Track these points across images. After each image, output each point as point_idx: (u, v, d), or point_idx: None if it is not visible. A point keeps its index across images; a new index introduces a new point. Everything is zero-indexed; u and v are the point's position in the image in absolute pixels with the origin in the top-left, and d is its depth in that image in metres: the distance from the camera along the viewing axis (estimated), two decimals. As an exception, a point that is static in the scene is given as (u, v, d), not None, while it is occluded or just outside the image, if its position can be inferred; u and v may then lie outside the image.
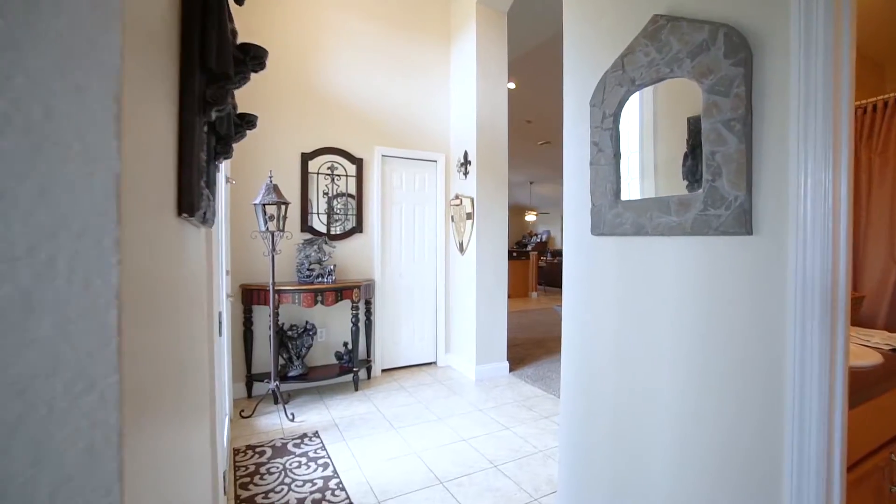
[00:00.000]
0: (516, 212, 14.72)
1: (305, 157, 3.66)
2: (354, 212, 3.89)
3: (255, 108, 3.45)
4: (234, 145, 1.72)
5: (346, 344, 3.73)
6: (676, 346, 1.19)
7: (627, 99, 1.28)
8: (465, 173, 4.05)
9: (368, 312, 3.88)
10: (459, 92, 4.18)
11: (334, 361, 3.77)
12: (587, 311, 1.46)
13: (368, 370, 3.90)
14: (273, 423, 2.95)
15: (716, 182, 1.04)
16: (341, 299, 3.46)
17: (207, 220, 0.96)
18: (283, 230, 3.07)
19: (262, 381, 3.34)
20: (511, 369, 4.12)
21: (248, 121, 1.10)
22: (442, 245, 4.30)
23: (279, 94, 3.56)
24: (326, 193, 3.78)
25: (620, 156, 1.31)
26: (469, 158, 4.00)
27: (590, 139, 1.40)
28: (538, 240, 16.43)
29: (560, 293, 10.25)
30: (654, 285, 1.23)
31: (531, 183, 13.66)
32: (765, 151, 0.97)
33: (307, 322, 3.53)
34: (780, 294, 0.94)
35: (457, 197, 4.17)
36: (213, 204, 1.11)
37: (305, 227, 3.67)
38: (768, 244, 0.96)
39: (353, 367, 3.57)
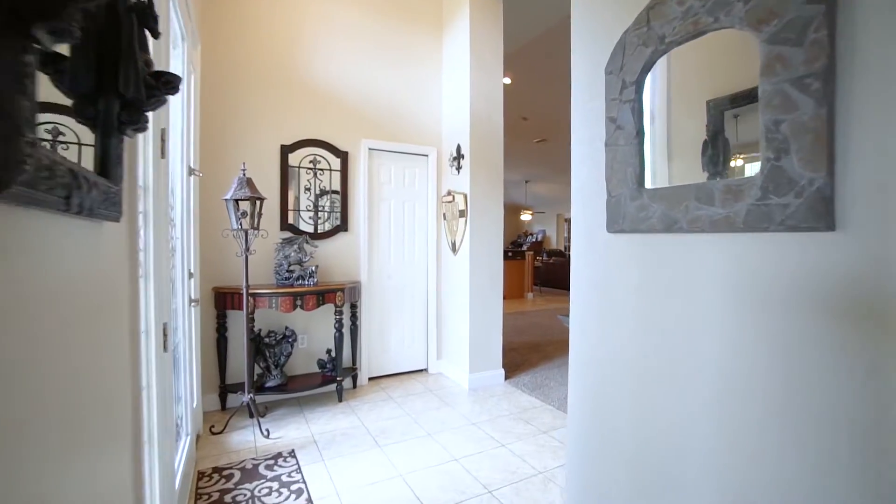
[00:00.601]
0: (511, 211, 14.50)
1: (285, 150, 3.39)
2: (339, 209, 3.62)
3: (231, 96, 3.17)
4: (157, 119, 1.44)
5: (329, 351, 3.46)
6: (718, 374, 0.94)
7: (654, 62, 1.03)
8: (458, 168, 3.79)
9: (354, 317, 3.61)
10: (452, 82, 3.92)
11: (316, 370, 3.50)
12: (601, 323, 1.20)
13: (354, 379, 3.63)
14: (246, 439, 2.67)
15: (780, 161, 0.79)
16: (323, 303, 3.19)
17: (91, 210, 0.69)
18: (257, 228, 2.79)
19: (236, 392, 3.07)
20: (507, 377, 3.87)
21: (165, 81, 0.83)
22: (433, 244, 4.04)
23: (258, 82, 3.28)
24: (308, 189, 3.51)
25: (644, 133, 1.06)
26: (462, 152, 3.74)
27: (605, 115, 1.14)
28: (534, 239, 16.25)
29: (557, 293, 10.00)
30: (689, 296, 0.98)
31: (527, 182, 13.44)
32: (855, 117, 0.72)
33: (287, 328, 3.26)
34: (881, 311, 0.69)
35: (449, 193, 3.91)
36: (118, 190, 0.84)
37: (285, 224, 3.40)
38: (860, 244, 0.72)
39: (336, 377, 3.30)
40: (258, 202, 2.78)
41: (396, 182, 3.91)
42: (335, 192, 3.61)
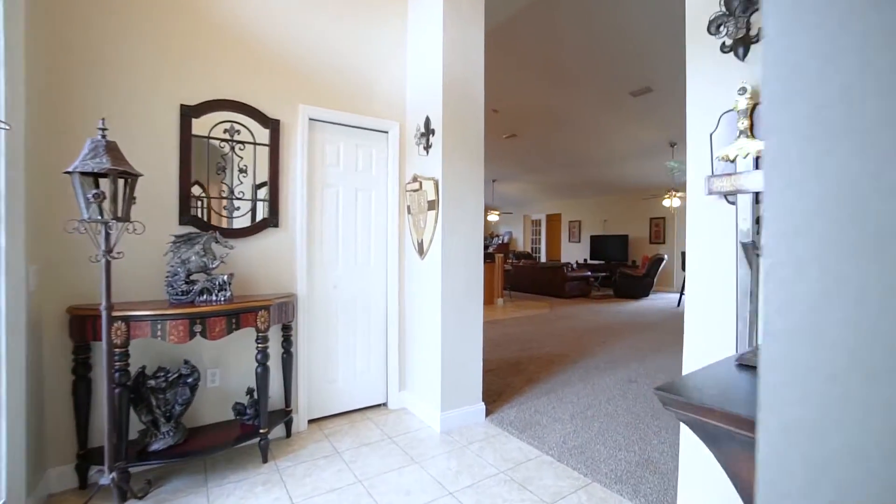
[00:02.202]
0: (478, 211, 13.81)
1: (188, 112, 2.42)
2: (267, 196, 2.68)
3: (98, 21, 2.18)
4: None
5: (251, 391, 2.52)
6: None
7: None
8: (427, 147, 2.95)
9: (287, 342, 2.68)
10: (421, 37, 3.08)
11: (233, 417, 2.55)
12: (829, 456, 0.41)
13: (288, 425, 2.70)
14: (101, 547, 1.70)
15: None
16: (238, 327, 2.25)
17: None
18: (124, 218, 1.84)
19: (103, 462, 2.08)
20: (488, 412, 3.06)
21: None
22: (394, 245, 3.17)
23: (150, 15, 2.31)
24: (224, 168, 2.55)
25: None
26: (432, 126, 2.90)
27: None
28: (500, 241, 15.67)
29: (528, 298, 9.17)
30: None
31: (494, 181, 12.81)
32: None
33: (185, 362, 2.29)
34: None
35: (415, 179, 3.06)
36: None
37: (188, 217, 2.43)
38: None
39: (259, 428, 2.37)
40: (127, 179, 1.82)
41: (347, 164, 3.02)
42: (263, 183, 2.67)
